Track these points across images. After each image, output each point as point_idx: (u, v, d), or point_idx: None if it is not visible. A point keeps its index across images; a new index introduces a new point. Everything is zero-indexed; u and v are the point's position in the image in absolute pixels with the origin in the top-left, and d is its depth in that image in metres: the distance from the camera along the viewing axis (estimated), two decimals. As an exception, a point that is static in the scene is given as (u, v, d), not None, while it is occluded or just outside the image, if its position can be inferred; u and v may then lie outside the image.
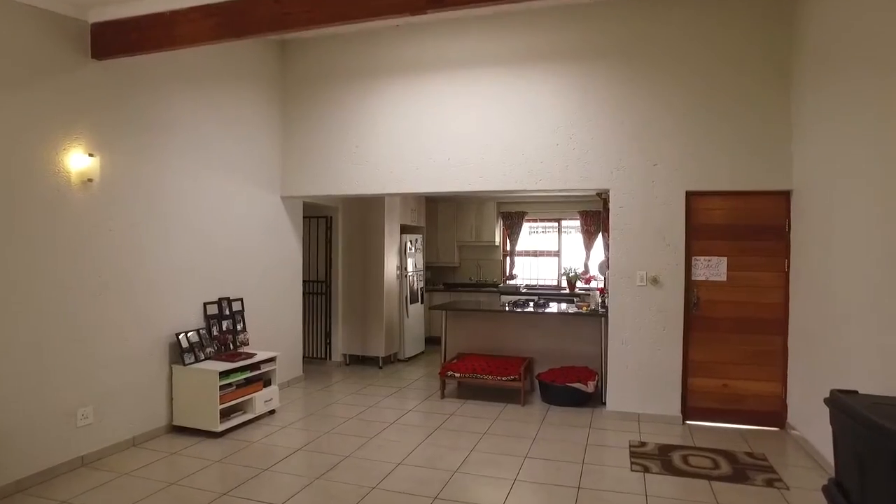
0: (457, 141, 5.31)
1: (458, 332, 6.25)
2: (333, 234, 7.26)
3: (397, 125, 5.52)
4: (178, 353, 4.50)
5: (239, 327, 5.23)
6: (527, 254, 9.15)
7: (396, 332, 7.47)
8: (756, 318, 4.63)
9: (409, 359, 7.66)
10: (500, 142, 5.19)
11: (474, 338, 6.20)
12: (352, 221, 7.28)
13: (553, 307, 6.10)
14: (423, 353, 8.10)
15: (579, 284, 8.52)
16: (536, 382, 5.69)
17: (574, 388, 5.25)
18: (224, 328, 5.04)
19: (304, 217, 7.12)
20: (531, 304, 6.30)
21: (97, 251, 3.94)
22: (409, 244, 7.69)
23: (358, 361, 7.37)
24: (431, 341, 8.40)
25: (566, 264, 8.84)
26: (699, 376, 4.76)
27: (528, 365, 5.73)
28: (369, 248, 7.19)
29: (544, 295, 8.26)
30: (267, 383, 5.03)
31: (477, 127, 5.26)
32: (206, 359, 4.70)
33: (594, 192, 5.46)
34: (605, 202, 5.25)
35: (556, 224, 9.10)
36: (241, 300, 5.32)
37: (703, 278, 4.76)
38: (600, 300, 5.69)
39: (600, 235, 8.70)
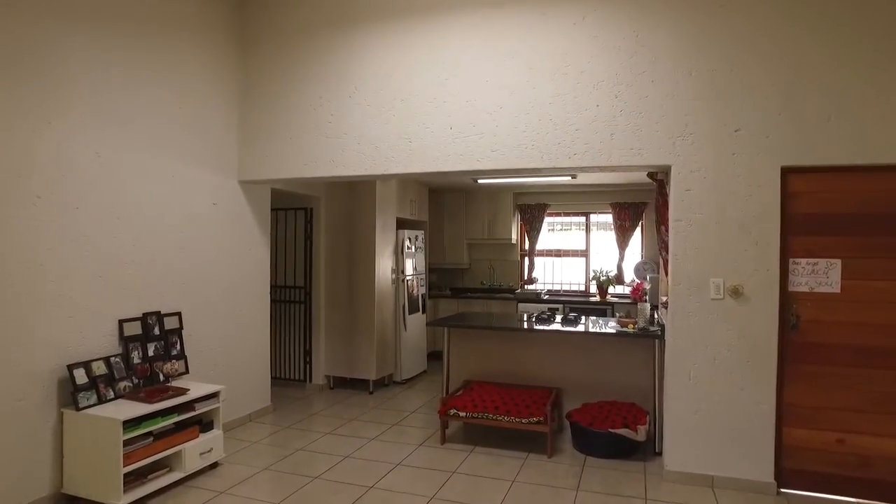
0: (461, 105, 3.99)
1: (466, 353, 4.93)
2: (314, 230, 5.97)
3: (383, 87, 4.22)
4: (71, 393, 3.23)
5: (174, 351, 3.96)
6: (548, 253, 7.80)
7: (391, 349, 6.16)
8: (889, 347, 3.25)
9: (408, 381, 6.35)
10: (520, 104, 3.86)
11: (486, 361, 4.88)
12: (337, 214, 5.99)
13: (587, 323, 4.76)
14: (424, 372, 6.78)
15: (612, 290, 7.17)
16: (567, 423, 4.35)
17: (619, 436, 3.90)
18: (151, 353, 3.78)
19: (278, 209, 5.88)
20: (557, 316, 4.96)
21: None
22: (407, 242, 6.38)
23: (344, 384, 6.07)
24: (436, 357, 7.08)
25: (596, 266, 7.49)
26: (801, 427, 3.39)
27: (555, 398, 4.41)
28: (358, 246, 5.90)
29: (571, 303, 6.93)
30: (207, 427, 3.75)
31: (488, 85, 3.94)
32: (116, 397, 3.44)
33: (647, 172, 4.10)
34: (662, 185, 3.90)
35: (583, 219, 7.73)
36: (179, 315, 4.05)
37: (806, 289, 3.39)
38: (650, 315, 4.33)
39: (638, 231, 7.32)
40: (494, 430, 4.40)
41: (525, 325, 4.71)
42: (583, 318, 4.94)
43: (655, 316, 4.41)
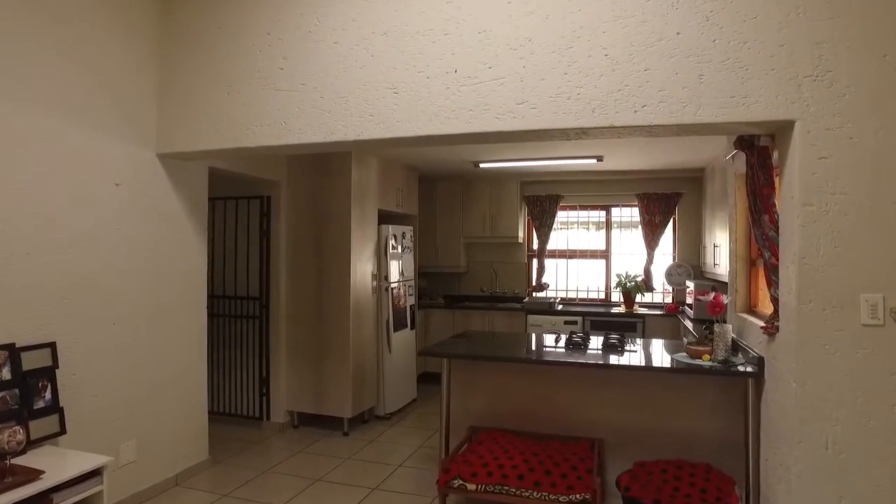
0: (471, 38, 2.73)
1: (471, 389, 3.66)
2: (273, 224, 4.66)
3: (357, 16, 2.94)
4: None
5: (41, 404, 2.63)
6: (561, 254, 6.55)
7: (372, 376, 4.87)
8: None
9: (393, 414, 5.06)
10: (559, 34, 2.60)
11: (498, 400, 3.62)
12: (302, 204, 4.68)
13: (635, 351, 3.52)
14: (414, 401, 5.50)
15: (639, 298, 5.96)
16: (618, 492, 3.09)
17: (703, 522, 2.66)
18: (-3, 409, 2.45)
19: (226, 198, 4.59)
20: (593, 339, 3.71)
21: None
22: (392, 240, 5.09)
23: (312, 421, 4.76)
24: (428, 380, 5.81)
25: (618, 269, 6.26)
26: None
27: (597, 451, 3.17)
28: (329, 245, 4.60)
29: (590, 315, 5.71)
30: (81, 522, 2.44)
31: (511, 7, 2.68)
32: (-83, 491, 2.11)
33: (742, 132, 2.82)
34: (764, 154, 2.66)
35: (602, 213, 6.50)
36: (52, 347, 2.72)
37: None
38: (730, 340, 3.08)
39: (669, 227, 6.11)
40: None
41: (551, 355, 3.44)
42: (629, 342, 3.69)
43: (748, 347, 3.17)
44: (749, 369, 2.87)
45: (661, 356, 3.42)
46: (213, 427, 4.13)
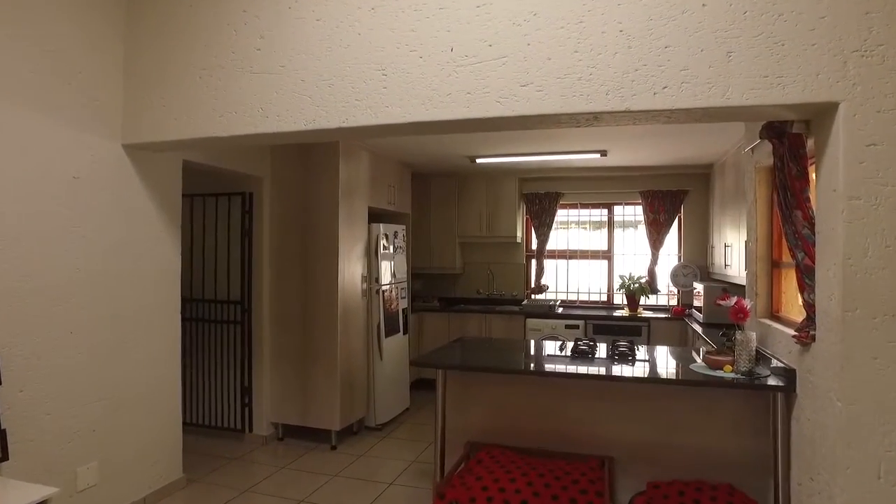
0: (469, 12, 2.43)
1: (468, 402, 3.36)
2: (256, 223, 4.35)
3: (343, -12, 2.64)
4: None
5: (-20, 423, 2.32)
6: (561, 255, 6.27)
7: (362, 384, 4.56)
8: None
9: (385, 425, 4.75)
10: (568, 7, 2.31)
11: (497, 413, 3.32)
12: (287, 201, 4.37)
13: (647, 360, 3.25)
14: (406, 410, 5.19)
15: (644, 300, 5.70)
16: (630, 519, 2.81)
17: (730, 556, 2.37)
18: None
19: (205, 194, 4.29)
20: (601, 347, 3.43)
21: None
22: (383, 240, 4.79)
23: (299, 434, 4.44)
24: (422, 387, 5.52)
25: (620, 270, 5.99)
26: None
27: (608, 471, 2.88)
28: (316, 245, 4.29)
29: (593, 318, 5.43)
30: (26, 562, 2.12)
31: (514, -22, 2.38)
32: None
33: (774, 116, 2.53)
34: (796, 143, 2.37)
35: (604, 211, 6.22)
36: (-5, 360, 2.41)
37: None
38: (754, 349, 2.79)
39: (675, 226, 5.84)
40: (517, 529, 2.83)
41: (556, 365, 3.16)
42: (637, 349, 3.41)
43: (773, 356, 2.89)
44: (777, 382, 2.59)
45: (676, 366, 3.14)
46: (191, 441, 3.83)
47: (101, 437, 2.92)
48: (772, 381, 2.61)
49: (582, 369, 3.01)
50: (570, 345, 3.49)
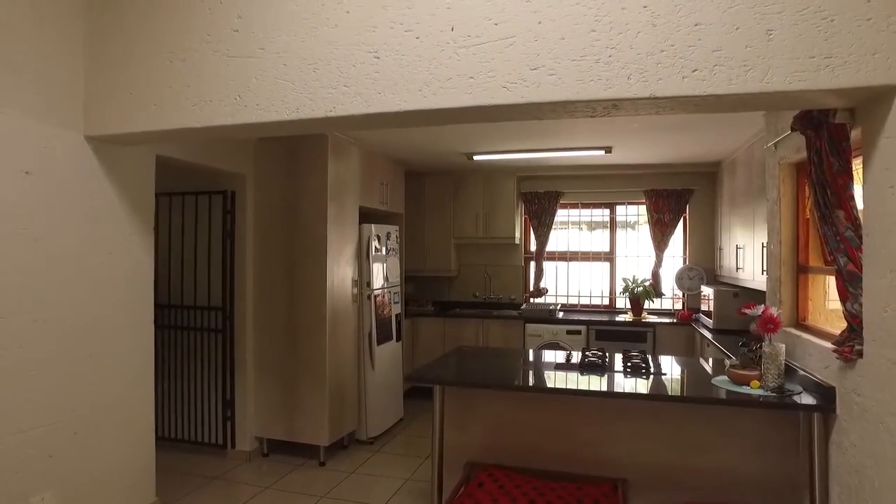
0: (472, -14, 2.16)
1: (468, 419, 3.09)
2: (238, 223, 4.05)
3: (330, -39, 2.36)
4: None
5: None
6: (561, 257, 6.01)
7: (352, 396, 4.28)
8: None
9: (377, 438, 4.47)
10: (584, -20, 2.04)
11: (499, 431, 3.05)
12: (271, 200, 4.08)
13: (665, 374, 2.99)
14: (400, 421, 4.91)
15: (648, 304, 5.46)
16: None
17: None
18: None
19: (184, 193, 4.00)
20: (605, 357, 3.17)
21: None
22: (375, 242, 4.51)
23: (285, 449, 4.15)
24: (416, 395, 5.24)
25: (624, 273, 5.74)
26: None
27: (622, 495, 2.63)
28: (303, 247, 4.01)
29: (595, 324, 5.18)
30: None
31: (523, -52, 2.11)
32: None
33: (820, 104, 2.25)
34: (839, 134, 2.12)
35: (606, 211, 5.97)
36: (-69, 380, 2.10)
37: None
38: (783, 362, 2.54)
39: (680, 226, 5.60)
40: (523, 562, 2.56)
41: (563, 378, 2.89)
42: (650, 360, 3.15)
43: (806, 371, 2.64)
44: (812, 401, 2.33)
45: (696, 380, 2.89)
46: (168, 459, 3.55)
47: (60, 461, 2.62)
48: (805, 400, 2.36)
49: (595, 385, 2.75)
50: (576, 355, 3.23)
